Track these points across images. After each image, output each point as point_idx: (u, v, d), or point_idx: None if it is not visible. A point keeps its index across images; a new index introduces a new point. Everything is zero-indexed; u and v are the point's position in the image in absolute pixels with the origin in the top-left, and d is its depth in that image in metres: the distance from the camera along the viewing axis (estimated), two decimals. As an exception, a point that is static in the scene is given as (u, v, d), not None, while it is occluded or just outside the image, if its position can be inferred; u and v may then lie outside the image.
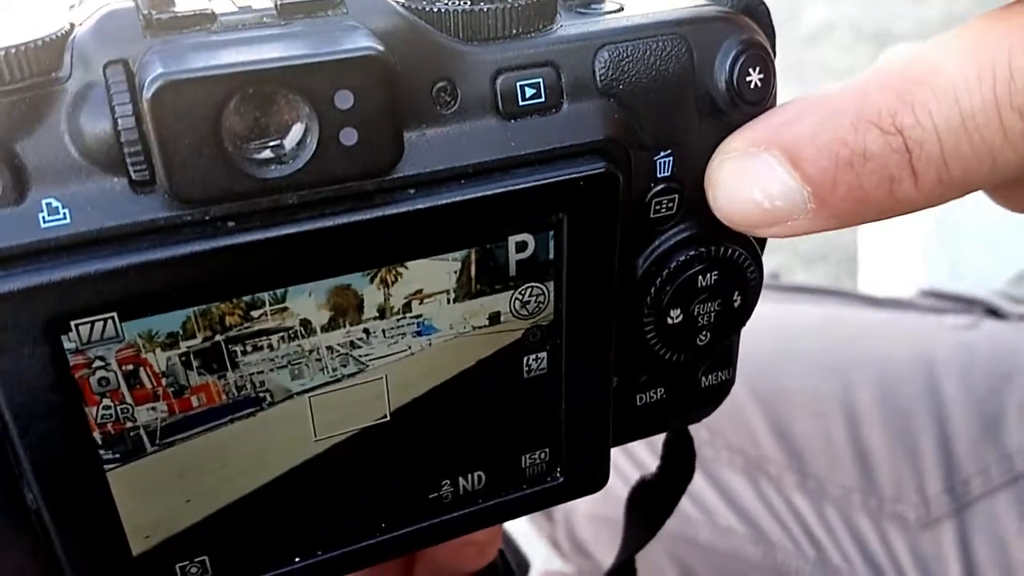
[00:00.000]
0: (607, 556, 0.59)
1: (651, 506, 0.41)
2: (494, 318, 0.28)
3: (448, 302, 0.27)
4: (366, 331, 0.26)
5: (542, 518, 0.83)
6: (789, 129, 0.27)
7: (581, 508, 0.79)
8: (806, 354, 0.74)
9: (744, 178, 0.27)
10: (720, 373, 0.34)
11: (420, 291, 0.26)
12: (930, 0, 2.67)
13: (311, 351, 0.26)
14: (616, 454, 0.35)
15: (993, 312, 0.77)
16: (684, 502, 0.74)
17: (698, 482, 0.74)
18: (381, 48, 0.23)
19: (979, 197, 0.31)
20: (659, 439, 0.38)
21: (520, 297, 0.28)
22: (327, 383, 0.26)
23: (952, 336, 0.73)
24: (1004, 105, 0.24)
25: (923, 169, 0.25)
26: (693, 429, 0.39)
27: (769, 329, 0.74)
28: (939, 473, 0.67)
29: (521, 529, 0.86)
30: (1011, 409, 0.67)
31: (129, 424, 0.25)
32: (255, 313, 0.24)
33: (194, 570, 0.27)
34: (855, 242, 1.59)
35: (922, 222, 1.26)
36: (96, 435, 0.24)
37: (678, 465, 0.39)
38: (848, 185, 0.26)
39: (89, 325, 0.23)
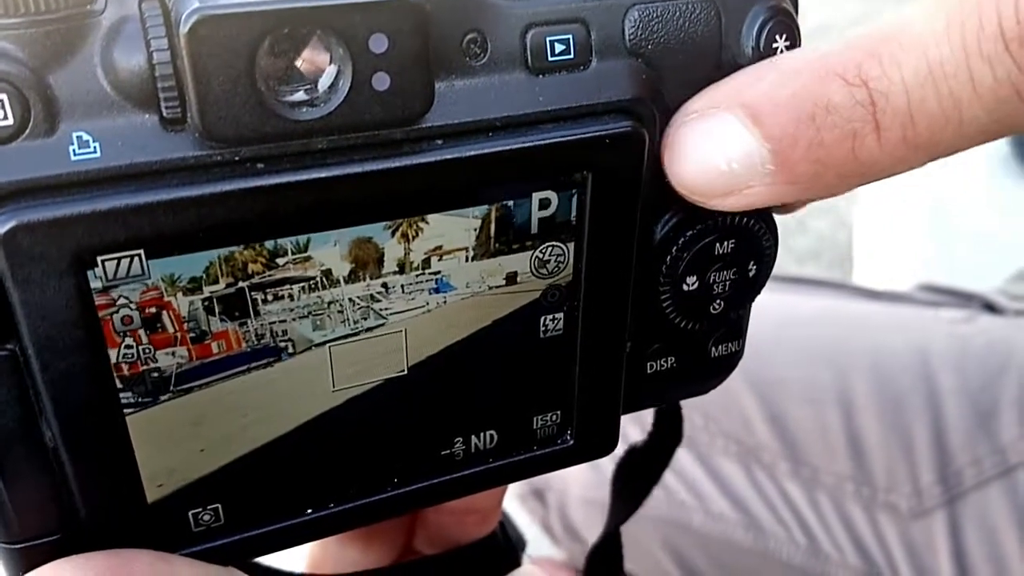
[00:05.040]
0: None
1: (639, 474, 0.41)
2: (511, 278, 0.28)
3: (467, 259, 0.27)
4: (385, 285, 0.26)
5: (535, 501, 0.83)
6: (751, 88, 0.26)
7: (574, 492, 0.79)
8: (802, 343, 0.74)
9: (702, 138, 0.27)
10: (730, 344, 0.34)
11: (440, 247, 0.26)
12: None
13: (332, 302, 0.26)
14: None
15: (989, 307, 0.77)
16: (677, 487, 0.75)
17: (692, 468, 0.75)
18: None
19: (975, 196, 0.31)
20: (648, 414, 0.38)
21: (540, 256, 0.28)
22: (347, 335, 0.26)
23: (948, 329, 0.74)
24: (973, 54, 0.24)
25: (888, 123, 0.25)
26: (687, 415, 0.39)
27: (765, 317, 0.74)
28: (932, 464, 0.68)
29: (512, 512, 0.87)
30: (1005, 402, 0.67)
31: (147, 368, 0.25)
32: (279, 261, 0.24)
33: (207, 517, 0.27)
34: (849, 241, 1.60)
35: (917, 220, 1.26)
36: (116, 376, 0.24)
37: (668, 433, 0.39)
38: (809, 141, 0.25)
39: (116, 261, 0.23)
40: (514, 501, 0.84)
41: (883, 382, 0.70)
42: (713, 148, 0.26)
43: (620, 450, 0.42)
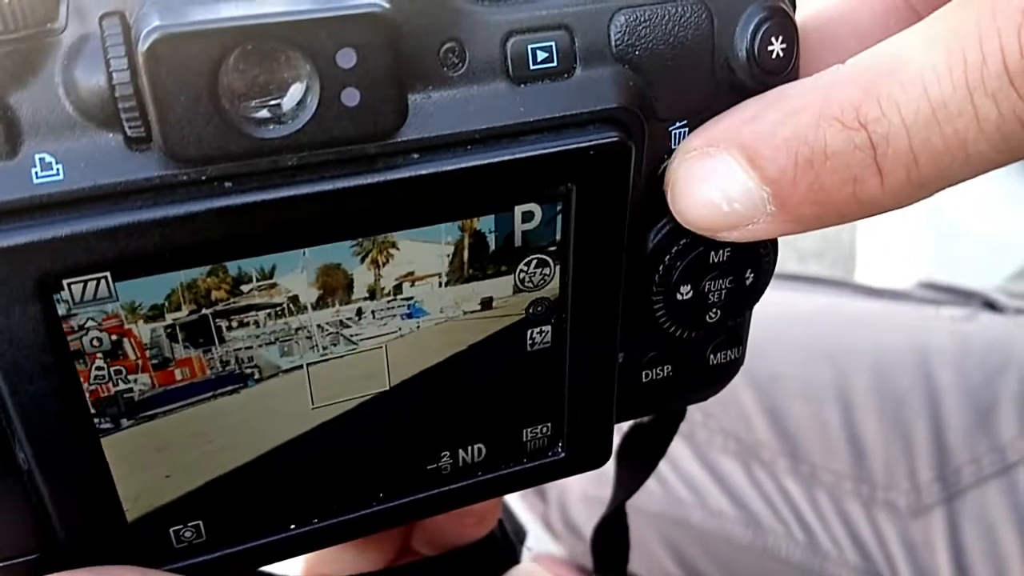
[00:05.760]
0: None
1: (644, 449, 0.41)
2: (486, 303, 0.27)
3: (440, 285, 0.26)
4: (356, 311, 0.26)
5: (535, 498, 0.83)
6: (749, 127, 0.26)
7: (575, 489, 0.79)
8: (802, 340, 0.74)
9: (702, 179, 0.26)
10: (729, 352, 0.33)
11: (412, 273, 0.26)
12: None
13: (299, 328, 0.25)
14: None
15: (990, 305, 0.77)
16: (676, 484, 0.75)
17: (691, 465, 0.75)
18: (386, 5, 0.22)
19: (976, 196, 0.31)
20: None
21: (522, 273, 0.27)
22: (317, 362, 0.26)
23: (948, 327, 0.73)
24: (977, 91, 0.23)
25: (890, 167, 0.24)
26: (686, 412, 0.39)
27: (765, 315, 0.74)
28: (931, 461, 0.68)
29: (513, 508, 0.87)
30: (1004, 400, 0.67)
31: (109, 394, 0.24)
32: (243, 288, 0.24)
33: (188, 534, 0.27)
34: (852, 241, 1.60)
35: (919, 221, 1.26)
36: (88, 399, 0.24)
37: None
38: (808, 186, 0.25)
39: (82, 284, 0.22)
40: (515, 498, 0.84)
41: (883, 380, 0.70)
42: (713, 188, 0.26)
43: (625, 424, 0.42)
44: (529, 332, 0.28)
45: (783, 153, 0.25)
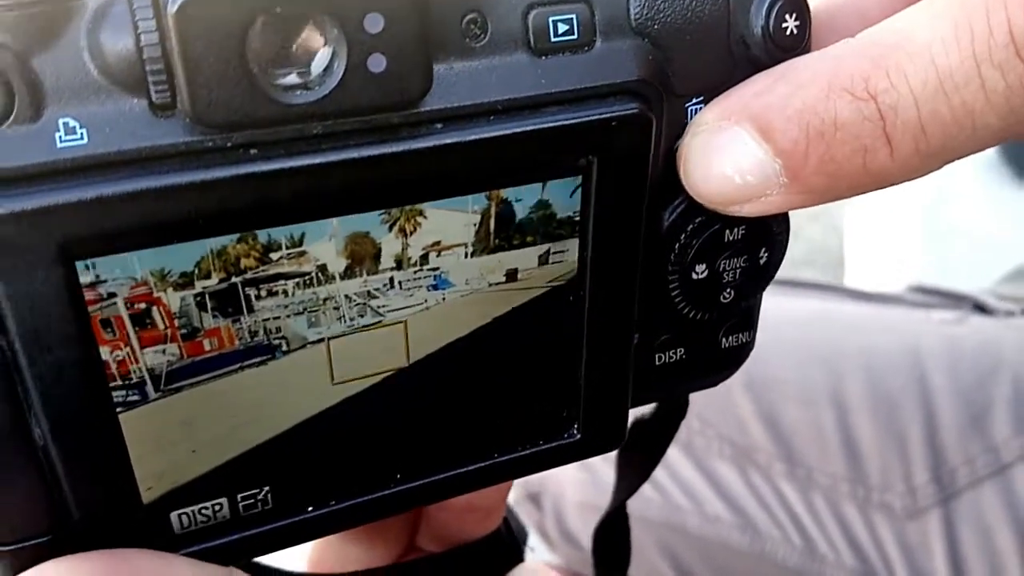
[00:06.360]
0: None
1: (645, 448, 0.41)
2: (511, 275, 0.27)
3: (466, 256, 0.26)
4: (383, 281, 0.26)
5: (531, 506, 0.83)
6: (760, 100, 0.26)
7: (570, 496, 0.79)
8: (795, 344, 0.75)
9: (715, 152, 0.27)
10: (740, 335, 0.33)
11: (438, 243, 0.26)
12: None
13: (327, 299, 0.25)
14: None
15: (980, 308, 0.78)
16: (672, 490, 0.75)
17: (687, 471, 0.75)
18: None
19: (969, 201, 0.31)
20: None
21: (533, 257, 0.27)
22: (343, 333, 0.26)
23: (939, 330, 0.74)
24: (984, 62, 0.23)
25: (899, 137, 0.24)
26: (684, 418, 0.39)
27: (759, 319, 0.75)
28: (926, 463, 0.68)
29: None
30: (997, 401, 0.68)
31: (133, 367, 0.24)
32: (273, 256, 0.24)
33: (205, 516, 0.27)
34: (840, 247, 1.61)
35: (907, 224, 1.27)
36: (108, 372, 0.24)
37: (673, 406, 0.39)
38: (819, 157, 0.25)
39: (107, 250, 0.22)
40: (510, 504, 0.84)
41: (876, 383, 0.71)
42: (726, 161, 0.26)
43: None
44: (546, 313, 0.28)
45: (794, 124, 0.25)
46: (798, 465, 0.71)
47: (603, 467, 0.77)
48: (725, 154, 0.26)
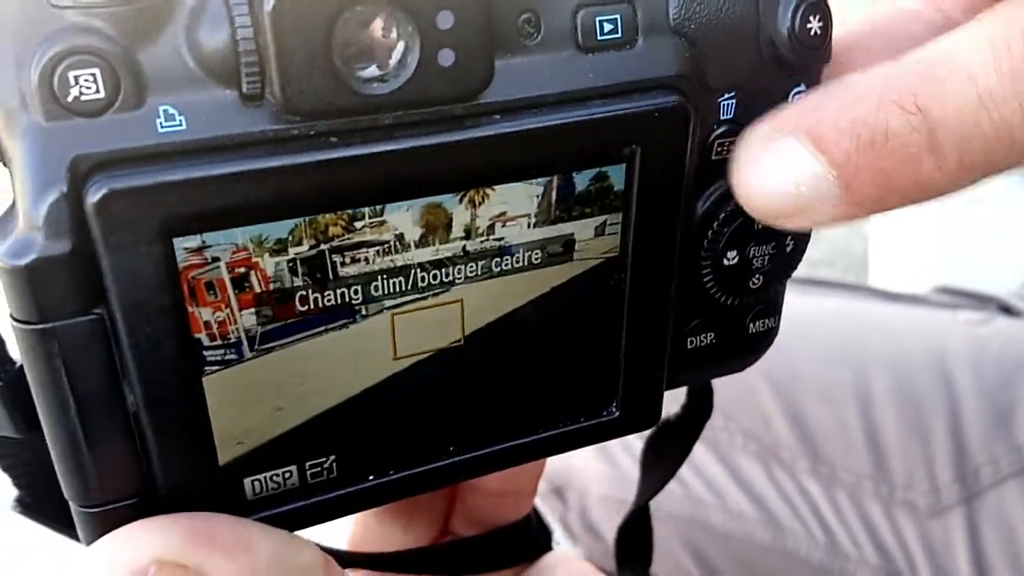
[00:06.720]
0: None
1: (671, 447, 0.42)
2: (568, 247, 0.29)
3: (529, 226, 0.28)
4: (452, 250, 0.27)
5: (555, 499, 0.84)
6: (814, 113, 0.27)
7: (594, 490, 0.80)
8: (820, 341, 0.75)
9: (770, 163, 0.27)
10: (767, 320, 0.35)
11: (504, 213, 0.27)
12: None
13: (403, 266, 0.27)
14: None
15: (1005, 309, 0.78)
16: (696, 485, 0.76)
17: (711, 466, 0.75)
18: None
19: (993, 205, 0.32)
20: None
21: (592, 227, 0.29)
22: (414, 300, 0.28)
23: (965, 331, 0.74)
24: (1020, 79, 0.25)
25: (944, 150, 0.26)
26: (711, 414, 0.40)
27: (783, 317, 0.75)
28: (950, 462, 0.68)
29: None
30: (1022, 402, 0.68)
31: (232, 327, 0.25)
32: (357, 224, 0.26)
33: (276, 483, 0.28)
34: (862, 249, 1.61)
35: (933, 229, 1.27)
36: (201, 338, 0.25)
37: (700, 406, 0.40)
38: (871, 168, 0.26)
39: (206, 226, 0.24)
40: (536, 500, 0.85)
41: (901, 381, 0.71)
42: (781, 172, 0.27)
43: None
44: (592, 291, 0.30)
45: (847, 136, 0.26)
46: (822, 462, 0.72)
47: (627, 461, 0.77)
48: (780, 164, 0.27)
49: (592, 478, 0.79)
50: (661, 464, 0.42)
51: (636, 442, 0.76)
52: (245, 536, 0.26)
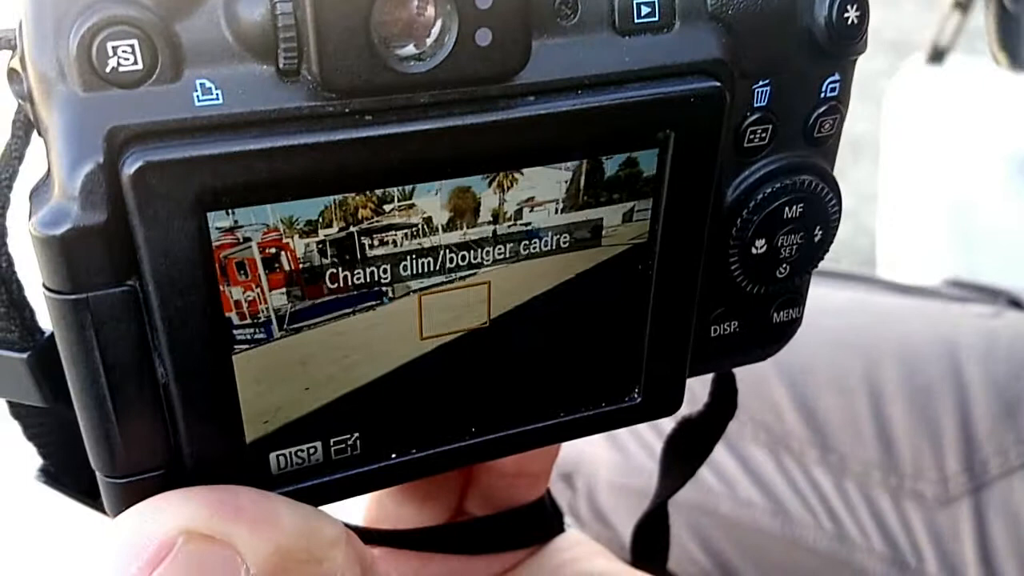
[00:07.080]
0: (627, 526, 0.61)
1: (693, 445, 0.42)
2: (596, 232, 0.29)
3: (556, 211, 0.28)
4: (480, 234, 0.27)
5: (563, 485, 0.84)
6: None
7: (603, 477, 0.80)
8: (831, 332, 0.76)
9: None
10: (791, 311, 0.34)
11: (532, 198, 0.27)
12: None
13: (430, 249, 0.27)
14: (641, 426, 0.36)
15: (1015, 303, 0.79)
16: (705, 474, 0.76)
17: (720, 455, 0.76)
18: None
19: (1000, 203, 0.32)
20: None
21: (620, 213, 0.29)
22: (441, 283, 0.28)
23: (975, 323, 0.75)
24: None
25: None
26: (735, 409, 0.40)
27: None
28: (958, 453, 0.69)
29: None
30: (1031, 394, 0.69)
31: (262, 307, 0.26)
32: (386, 207, 0.26)
33: (300, 458, 0.28)
34: (868, 246, 1.61)
35: (938, 222, 1.27)
36: (231, 316, 0.25)
37: (723, 403, 0.40)
38: None
39: (240, 202, 0.24)
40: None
41: (911, 372, 0.72)
42: None
43: (656, 444, 0.42)
44: (618, 276, 0.30)
45: None
46: (831, 452, 0.72)
47: (636, 449, 0.78)
48: None
49: (601, 464, 0.80)
50: (681, 462, 0.43)
51: (646, 430, 0.77)
52: (271, 509, 0.26)
